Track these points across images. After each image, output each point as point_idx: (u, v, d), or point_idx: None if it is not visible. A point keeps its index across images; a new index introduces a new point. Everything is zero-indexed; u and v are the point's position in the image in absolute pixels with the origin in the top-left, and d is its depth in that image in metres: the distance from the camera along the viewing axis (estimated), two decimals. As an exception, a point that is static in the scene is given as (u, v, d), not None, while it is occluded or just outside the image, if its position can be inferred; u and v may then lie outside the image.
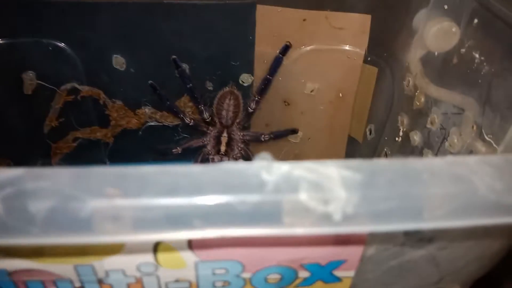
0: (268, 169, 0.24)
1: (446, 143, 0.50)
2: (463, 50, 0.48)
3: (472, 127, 0.46)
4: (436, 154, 0.52)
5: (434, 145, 0.53)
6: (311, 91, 0.73)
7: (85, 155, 0.76)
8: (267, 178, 0.24)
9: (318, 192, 0.24)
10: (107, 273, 0.32)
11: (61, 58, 0.66)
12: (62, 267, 0.31)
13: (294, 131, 0.77)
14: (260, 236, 0.24)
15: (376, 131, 0.70)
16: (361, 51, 0.68)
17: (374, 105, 0.70)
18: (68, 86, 0.68)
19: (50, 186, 0.23)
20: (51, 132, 0.72)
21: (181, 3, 0.64)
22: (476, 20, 0.46)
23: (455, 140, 0.49)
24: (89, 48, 0.66)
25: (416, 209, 0.24)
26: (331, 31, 0.68)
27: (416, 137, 0.57)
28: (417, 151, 0.57)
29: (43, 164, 0.75)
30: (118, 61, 0.68)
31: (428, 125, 0.54)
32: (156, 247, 0.31)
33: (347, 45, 0.69)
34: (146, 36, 0.66)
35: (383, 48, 0.66)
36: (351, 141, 0.77)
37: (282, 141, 0.78)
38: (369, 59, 0.68)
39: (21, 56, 0.65)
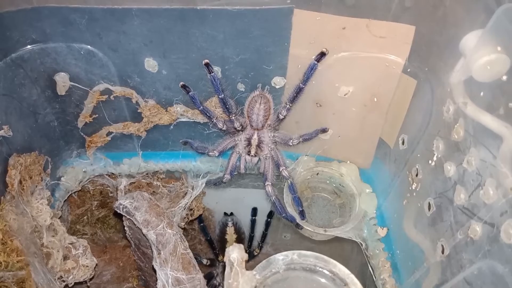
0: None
1: (481, 191, 0.49)
2: (511, 105, 0.46)
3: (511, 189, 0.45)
4: (469, 197, 0.52)
5: (468, 187, 0.52)
6: (345, 94, 0.71)
7: (118, 145, 0.78)
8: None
9: None
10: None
11: (93, 61, 0.65)
12: None
13: (324, 131, 0.76)
14: None
15: (409, 143, 0.68)
16: (402, 60, 0.65)
17: (409, 116, 0.68)
18: (101, 87, 0.68)
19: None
20: (86, 127, 0.74)
21: (215, 9, 0.61)
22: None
23: (491, 192, 0.48)
24: (121, 52, 0.65)
25: None
26: (371, 39, 0.64)
27: (450, 170, 0.56)
28: (449, 184, 0.56)
29: (78, 155, 0.77)
30: (150, 64, 0.67)
31: (464, 165, 0.53)
32: None
33: (387, 54, 0.65)
34: (179, 40, 0.64)
35: (425, 63, 0.62)
36: (383, 144, 0.76)
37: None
38: (409, 70, 0.65)
39: (53, 60, 0.65)
